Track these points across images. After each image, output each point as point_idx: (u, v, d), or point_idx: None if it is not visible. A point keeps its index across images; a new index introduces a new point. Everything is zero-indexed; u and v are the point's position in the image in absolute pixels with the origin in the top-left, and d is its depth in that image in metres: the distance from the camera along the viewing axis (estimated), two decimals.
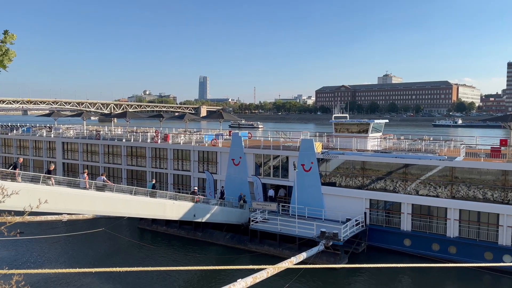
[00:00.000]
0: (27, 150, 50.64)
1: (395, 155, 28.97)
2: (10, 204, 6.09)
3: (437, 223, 27.10)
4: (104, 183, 22.03)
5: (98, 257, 28.13)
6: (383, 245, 28.14)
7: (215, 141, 37.79)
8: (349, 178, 30.26)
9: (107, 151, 43.82)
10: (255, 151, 34.34)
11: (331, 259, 25.39)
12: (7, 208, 7.13)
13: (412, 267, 24.92)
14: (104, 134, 46.78)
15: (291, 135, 41.89)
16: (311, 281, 23.36)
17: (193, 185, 36.78)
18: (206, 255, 28.41)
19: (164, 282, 22.97)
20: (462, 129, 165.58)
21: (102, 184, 21.84)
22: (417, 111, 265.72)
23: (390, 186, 28.72)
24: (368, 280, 24.18)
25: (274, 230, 28.22)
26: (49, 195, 16.68)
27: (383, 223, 28.89)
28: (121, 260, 27.35)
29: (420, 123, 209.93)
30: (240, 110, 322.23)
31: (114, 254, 29.21)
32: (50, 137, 48.85)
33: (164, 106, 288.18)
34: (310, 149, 31.06)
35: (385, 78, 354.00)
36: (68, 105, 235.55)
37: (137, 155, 41.63)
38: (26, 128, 54.97)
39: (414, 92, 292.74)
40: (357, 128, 33.94)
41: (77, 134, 49.67)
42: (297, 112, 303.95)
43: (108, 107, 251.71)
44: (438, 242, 26.74)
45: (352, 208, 29.27)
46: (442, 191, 27.08)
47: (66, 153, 47.39)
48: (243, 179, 34.48)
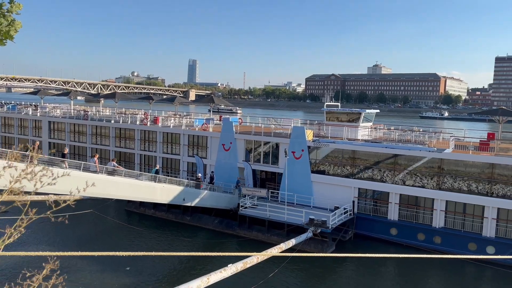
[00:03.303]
0: (12, 128, 49.56)
1: (385, 145, 29.20)
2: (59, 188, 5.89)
3: (423, 214, 27.56)
4: (114, 168, 21.76)
5: (86, 239, 27.90)
6: (370, 233, 28.54)
7: (206, 126, 37.49)
8: (337, 166, 30.46)
9: (95, 132, 43.14)
10: (246, 137, 34.21)
11: (319, 246, 25.68)
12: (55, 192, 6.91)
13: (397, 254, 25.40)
14: (92, 115, 45.99)
15: (282, 122, 41.82)
16: (300, 266, 23.63)
17: (183, 169, 36.55)
18: (194, 239, 28.43)
19: (153, 265, 22.94)
20: (448, 122, 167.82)
21: (112, 169, 21.59)
22: (404, 102, 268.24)
23: (378, 175, 29.02)
24: (355, 267, 24.57)
25: (263, 216, 28.33)
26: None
27: (370, 212, 29.25)
28: (110, 242, 27.19)
29: (407, 114, 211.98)
30: (229, 95, 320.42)
31: (102, 236, 29.01)
32: (36, 115, 47.82)
33: (153, 89, 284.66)
34: (301, 136, 31.07)
35: (375, 69, 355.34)
36: (54, 84, 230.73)
37: (126, 137, 41.10)
38: (11, 105, 53.70)
39: (402, 83, 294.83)
40: (348, 117, 34.03)
41: (64, 113, 48.71)
42: (286, 99, 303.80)
43: (95, 87, 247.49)
44: (424, 232, 27.23)
45: (341, 196, 29.52)
46: (428, 182, 27.49)
47: (53, 132, 46.52)
48: (233, 165, 34.39)
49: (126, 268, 22.47)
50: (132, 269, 22.54)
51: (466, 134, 35.54)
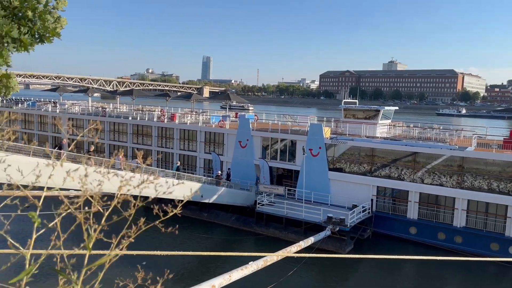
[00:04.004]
0: (32, 125, 50.46)
1: (405, 143, 28.76)
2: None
3: (444, 213, 27.09)
4: (138, 165, 22.02)
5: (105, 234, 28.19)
6: (388, 232, 28.20)
7: (222, 123, 37.52)
8: (354, 164, 30.16)
9: (113, 128, 43.61)
10: (263, 134, 34.11)
11: (337, 244, 25.48)
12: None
13: (418, 254, 25.05)
14: (109, 111, 46.49)
15: (298, 119, 41.58)
16: (319, 264, 23.49)
17: (199, 165, 36.69)
18: (212, 236, 28.52)
19: (171, 262, 23.07)
20: (466, 119, 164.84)
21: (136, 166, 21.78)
22: (421, 99, 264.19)
23: (395, 173, 28.64)
24: (374, 266, 24.30)
25: (280, 213, 28.24)
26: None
27: (389, 210, 28.89)
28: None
29: (423, 111, 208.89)
30: (243, 92, 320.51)
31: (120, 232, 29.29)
32: (56, 112, 48.57)
33: (167, 85, 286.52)
34: (318, 134, 30.83)
35: (390, 65, 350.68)
36: (71, 81, 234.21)
37: (143, 133, 41.43)
38: (31, 102, 54.67)
39: (419, 79, 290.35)
40: (364, 114, 33.62)
41: (83, 110, 49.35)
42: (300, 96, 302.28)
43: (111, 84, 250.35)
44: (445, 231, 26.77)
45: (359, 194, 29.22)
46: (448, 180, 27.02)
47: (72, 129, 47.15)
48: (249, 162, 34.35)
49: (142, 263, 22.67)
50: (150, 264, 22.70)
51: (486, 132, 34.78)
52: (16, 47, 3.27)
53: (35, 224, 1.90)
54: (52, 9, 3.59)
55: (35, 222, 1.88)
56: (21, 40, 3.25)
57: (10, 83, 3.51)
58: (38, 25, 3.48)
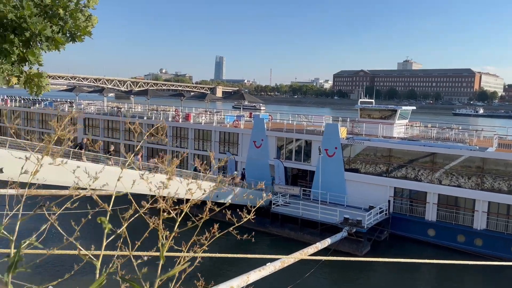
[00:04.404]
0: (49, 125, 51.19)
1: (423, 143, 28.28)
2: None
3: (463, 215, 26.54)
4: (156, 165, 22.12)
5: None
6: (406, 234, 27.76)
7: (237, 122, 37.47)
8: (369, 165, 29.77)
9: (128, 128, 43.91)
10: (278, 134, 33.94)
11: (354, 246, 25.17)
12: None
13: (436, 256, 24.60)
14: (124, 111, 46.87)
15: (312, 119, 41.26)
16: (335, 266, 23.22)
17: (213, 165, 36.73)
18: (226, 235, 28.41)
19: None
20: (483, 119, 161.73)
21: (154, 166, 21.94)
22: (436, 99, 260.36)
23: (412, 174, 28.18)
24: (391, 268, 23.89)
25: (296, 214, 28.03)
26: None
27: (406, 212, 28.44)
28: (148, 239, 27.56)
29: (439, 111, 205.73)
30: (255, 92, 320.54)
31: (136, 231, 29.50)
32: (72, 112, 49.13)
33: (180, 85, 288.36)
34: (334, 134, 30.53)
35: (405, 64, 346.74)
36: (86, 81, 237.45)
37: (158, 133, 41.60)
38: (48, 102, 55.49)
39: (434, 79, 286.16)
40: (382, 114, 33.17)
41: (98, 110, 49.87)
42: (314, 95, 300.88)
43: (125, 84, 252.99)
44: (464, 233, 26.22)
45: (375, 195, 28.83)
46: (466, 182, 26.48)
47: (88, 128, 47.72)
48: (264, 162, 34.21)
49: (155, 262, 22.71)
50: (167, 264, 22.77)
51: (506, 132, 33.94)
52: (49, 46, 3.19)
53: (106, 230, 1.83)
54: (83, 7, 3.51)
55: (106, 228, 1.81)
56: (55, 39, 3.17)
57: (42, 82, 3.44)
58: (70, 24, 3.40)
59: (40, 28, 3.05)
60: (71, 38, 3.46)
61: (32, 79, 3.40)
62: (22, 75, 3.38)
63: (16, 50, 3.17)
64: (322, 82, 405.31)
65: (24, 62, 3.33)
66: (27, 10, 3.01)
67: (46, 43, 3.16)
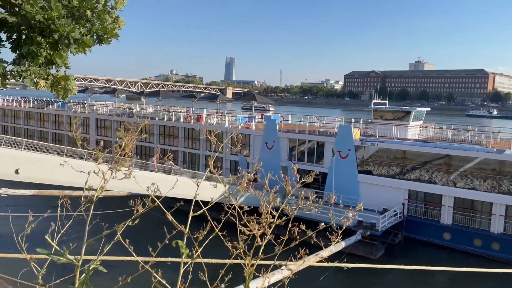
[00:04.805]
0: (62, 125, 51.69)
1: (439, 145, 27.84)
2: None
3: (480, 218, 26.03)
4: (170, 167, 22.20)
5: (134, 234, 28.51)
6: (421, 237, 27.33)
7: (249, 124, 37.36)
8: (382, 167, 29.40)
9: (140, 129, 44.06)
10: (290, 135, 33.74)
11: (368, 249, 24.87)
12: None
13: (451, 260, 24.14)
14: (136, 112, 47.09)
15: (325, 120, 40.95)
16: (350, 269, 22.91)
17: (225, 167, 36.61)
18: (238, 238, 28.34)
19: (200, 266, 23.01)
20: (497, 120, 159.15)
21: (169, 168, 22.02)
22: (449, 100, 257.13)
23: (425, 176, 27.74)
24: (405, 270, 23.53)
25: (308, 216, 27.71)
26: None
27: (421, 215, 28.02)
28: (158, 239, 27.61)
29: (452, 112, 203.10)
30: (265, 93, 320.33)
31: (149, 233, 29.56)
32: (85, 113, 49.57)
33: (190, 86, 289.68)
34: (348, 135, 30.22)
35: (417, 65, 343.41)
36: (97, 82, 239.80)
37: (170, 134, 41.73)
38: (62, 103, 56.01)
39: (447, 80, 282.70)
40: (394, 115, 32.75)
41: (110, 111, 50.18)
42: (324, 96, 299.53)
43: (136, 85, 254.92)
44: (481, 237, 25.72)
45: (390, 198, 28.45)
46: (481, 184, 25.98)
47: (100, 129, 48.06)
48: (276, 163, 34.00)
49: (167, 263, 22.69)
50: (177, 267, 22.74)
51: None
52: (77, 49, 3.09)
53: (183, 256, 1.83)
54: (110, 9, 3.40)
55: (184, 253, 1.81)
56: (83, 41, 3.06)
57: (69, 85, 3.34)
58: (97, 26, 3.29)
59: (68, 30, 2.95)
60: (98, 40, 3.36)
61: (59, 82, 3.30)
62: (49, 78, 3.28)
63: (43, 52, 3.07)
64: (332, 83, 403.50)
65: (51, 64, 3.24)
66: (56, 12, 2.91)
67: (74, 46, 3.06)
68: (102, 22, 3.30)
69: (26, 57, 3.05)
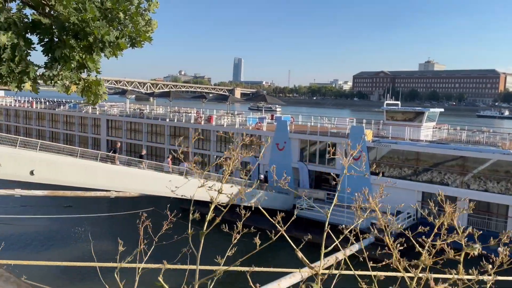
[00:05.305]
0: (73, 126, 52.03)
1: (453, 146, 27.42)
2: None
3: (496, 221, 25.58)
4: (186, 168, 22.19)
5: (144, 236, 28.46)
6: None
7: (259, 125, 37.22)
8: (394, 168, 29.04)
9: (150, 130, 44.23)
10: (301, 136, 33.52)
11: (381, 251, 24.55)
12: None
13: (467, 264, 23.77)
14: (147, 113, 47.22)
15: (336, 121, 40.63)
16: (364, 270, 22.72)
17: None
18: (250, 239, 28.22)
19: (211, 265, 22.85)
20: (509, 121, 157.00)
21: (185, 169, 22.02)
22: (459, 100, 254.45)
23: (438, 178, 27.34)
24: None
25: (320, 218, 27.54)
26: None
27: (435, 217, 27.60)
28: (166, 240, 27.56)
29: (462, 112, 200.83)
30: (274, 93, 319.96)
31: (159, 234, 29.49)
32: (96, 114, 49.82)
33: (199, 87, 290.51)
34: (360, 136, 29.90)
35: (427, 65, 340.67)
36: (107, 83, 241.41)
37: (180, 135, 41.73)
38: (73, 104, 56.44)
39: (457, 80, 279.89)
40: (404, 116, 32.36)
41: (121, 112, 50.39)
42: (333, 97, 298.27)
43: (145, 86, 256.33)
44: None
45: (403, 200, 27.97)
46: (494, 186, 25.53)
47: (110, 130, 48.27)
48: (287, 165, 33.79)
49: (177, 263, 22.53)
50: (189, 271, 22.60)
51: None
52: (111, 52, 2.96)
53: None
54: (143, 11, 3.28)
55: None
56: (118, 45, 2.94)
57: (99, 90, 3.22)
58: (130, 28, 3.17)
59: (103, 32, 2.83)
60: (131, 43, 3.24)
61: (90, 87, 3.19)
62: (80, 83, 3.17)
63: (76, 56, 2.95)
64: (341, 83, 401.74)
65: (82, 68, 3.12)
66: (91, 13, 2.78)
67: (109, 49, 2.93)
68: (135, 24, 3.18)
69: (59, 61, 2.93)
